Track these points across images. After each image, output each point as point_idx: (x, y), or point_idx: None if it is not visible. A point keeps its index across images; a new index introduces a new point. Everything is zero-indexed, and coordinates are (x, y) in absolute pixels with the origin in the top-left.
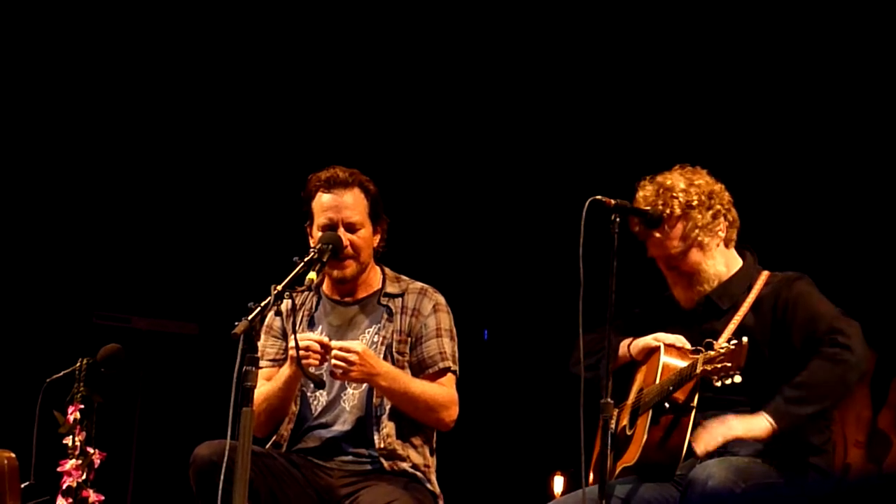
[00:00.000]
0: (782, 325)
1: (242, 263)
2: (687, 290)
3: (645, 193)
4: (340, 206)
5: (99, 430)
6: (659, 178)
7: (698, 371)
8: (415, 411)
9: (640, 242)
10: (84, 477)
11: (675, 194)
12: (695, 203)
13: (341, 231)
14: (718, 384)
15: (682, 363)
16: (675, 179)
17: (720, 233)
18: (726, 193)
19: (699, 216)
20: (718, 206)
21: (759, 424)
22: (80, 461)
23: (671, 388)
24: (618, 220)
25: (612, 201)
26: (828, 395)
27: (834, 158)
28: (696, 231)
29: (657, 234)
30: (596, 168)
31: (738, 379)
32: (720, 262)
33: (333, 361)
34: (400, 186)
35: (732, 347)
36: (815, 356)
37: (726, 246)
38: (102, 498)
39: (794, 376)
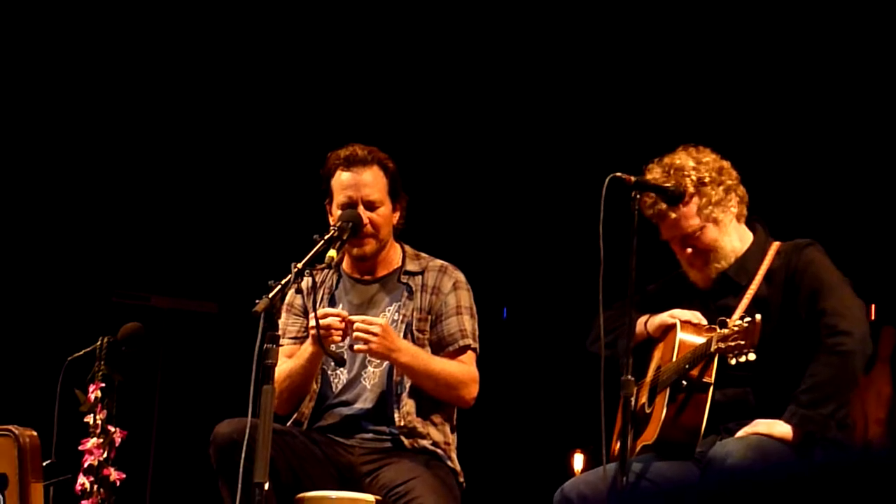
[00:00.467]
0: (792, 292)
1: (262, 242)
2: (703, 270)
3: (654, 175)
4: (360, 184)
5: (120, 409)
6: (666, 160)
7: (713, 349)
8: (435, 388)
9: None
10: (105, 455)
11: (686, 173)
12: (707, 179)
13: (361, 209)
14: (733, 362)
15: (698, 339)
16: (683, 158)
17: (733, 208)
18: (733, 170)
19: (712, 192)
20: (729, 182)
21: (784, 430)
22: (101, 439)
23: (687, 366)
24: (638, 196)
25: (632, 178)
26: (839, 390)
27: (841, 128)
28: (711, 207)
29: (672, 215)
30: (616, 145)
31: (752, 357)
32: (735, 237)
33: (356, 334)
34: (419, 163)
35: (746, 325)
36: (820, 350)
37: (739, 221)
38: (124, 476)
39: (804, 354)
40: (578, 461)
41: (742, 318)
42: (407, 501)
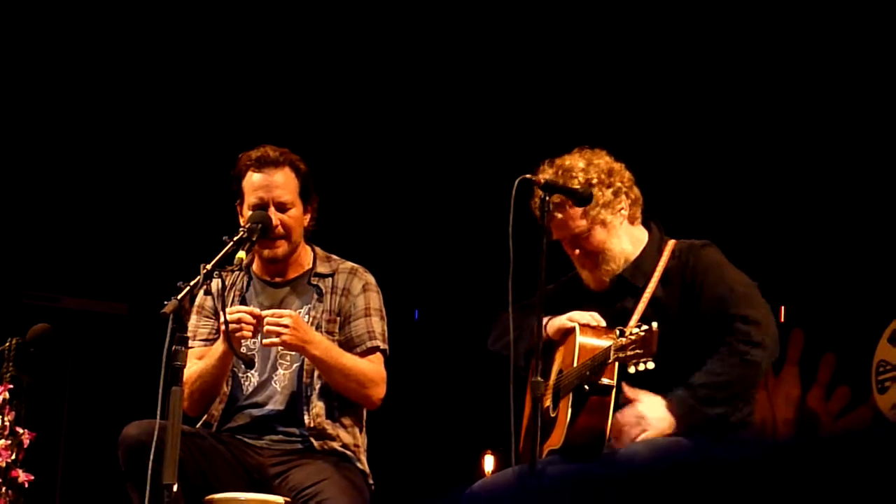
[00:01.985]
0: (691, 294)
1: (172, 243)
2: (594, 271)
3: (546, 176)
4: (271, 185)
5: (28, 410)
6: (558, 161)
7: (612, 358)
8: (345, 384)
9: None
10: (13, 457)
11: (574, 174)
12: (594, 181)
13: (272, 210)
14: (632, 370)
15: (598, 343)
16: (574, 160)
17: (622, 210)
18: (627, 172)
19: (599, 194)
20: (619, 184)
21: (667, 422)
22: (9, 441)
23: (588, 372)
24: (547, 198)
25: (542, 179)
26: (737, 395)
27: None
28: (598, 209)
29: (559, 215)
30: (525, 147)
31: (651, 365)
32: (625, 240)
33: (267, 328)
34: (330, 165)
35: (643, 334)
36: (727, 350)
37: (631, 223)
38: (32, 478)
39: (704, 355)
40: (489, 462)
41: (639, 325)
42: (317, 503)
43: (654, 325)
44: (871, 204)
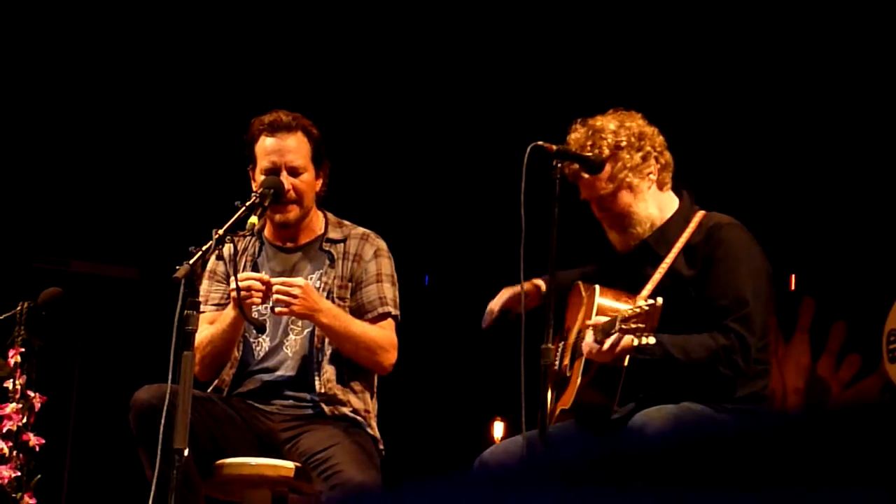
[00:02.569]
0: (706, 272)
1: (184, 207)
2: (621, 234)
3: (576, 136)
4: (283, 149)
5: (39, 374)
6: (590, 121)
7: (616, 328)
8: (355, 351)
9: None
10: (24, 420)
11: (604, 135)
12: (623, 144)
13: (284, 175)
14: (635, 343)
15: (615, 304)
16: (606, 121)
17: (651, 175)
18: (659, 136)
19: (627, 157)
20: (649, 148)
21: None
22: (20, 405)
23: (599, 338)
24: (559, 165)
25: (554, 147)
26: (692, 374)
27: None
28: (625, 172)
29: (586, 176)
30: (538, 113)
31: (651, 340)
32: (652, 204)
33: (276, 296)
34: (343, 130)
35: (647, 308)
36: (720, 337)
37: (660, 188)
38: (43, 441)
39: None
40: (498, 429)
41: (646, 299)
42: (326, 468)
43: (660, 300)
44: (884, 173)
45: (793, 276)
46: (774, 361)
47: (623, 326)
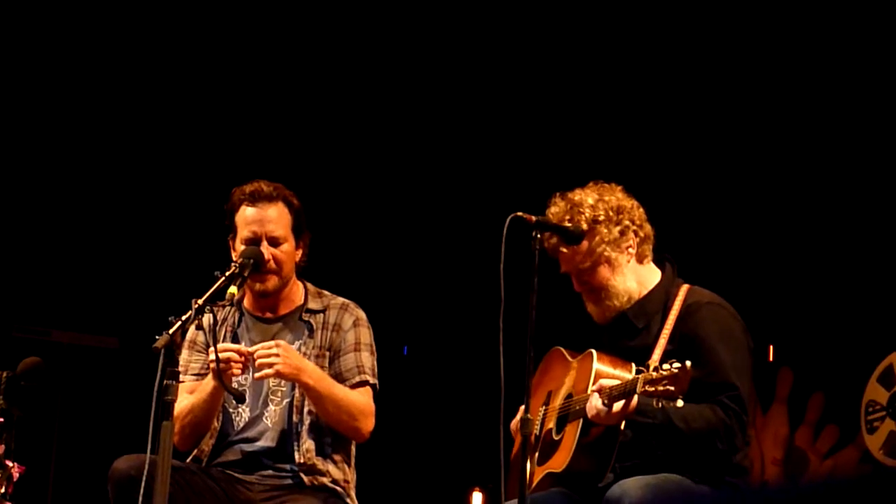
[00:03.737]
0: (686, 351)
1: (163, 278)
2: (597, 305)
3: (555, 210)
4: (264, 219)
5: (18, 444)
6: (569, 195)
7: (639, 390)
8: (336, 415)
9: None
10: (3, 490)
11: (582, 210)
12: (601, 218)
13: (264, 245)
14: (659, 406)
15: (614, 371)
16: (585, 195)
17: (630, 248)
18: (639, 209)
19: (605, 231)
20: (627, 222)
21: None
22: None
23: (605, 401)
24: (539, 236)
25: (533, 218)
26: (687, 444)
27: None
28: (603, 246)
29: (564, 250)
30: (517, 185)
31: (680, 403)
32: (630, 278)
33: (259, 361)
34: (322, 201)
35: (676, 371)
36: (720, 412)
37: (639, 262)
38: None
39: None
40: (477, 499)
41: (671, 363)
42: None
43: (689, 363)
44: (861, 243)
45: (771, 346)
46: (752, 432)
47: (649, 389)
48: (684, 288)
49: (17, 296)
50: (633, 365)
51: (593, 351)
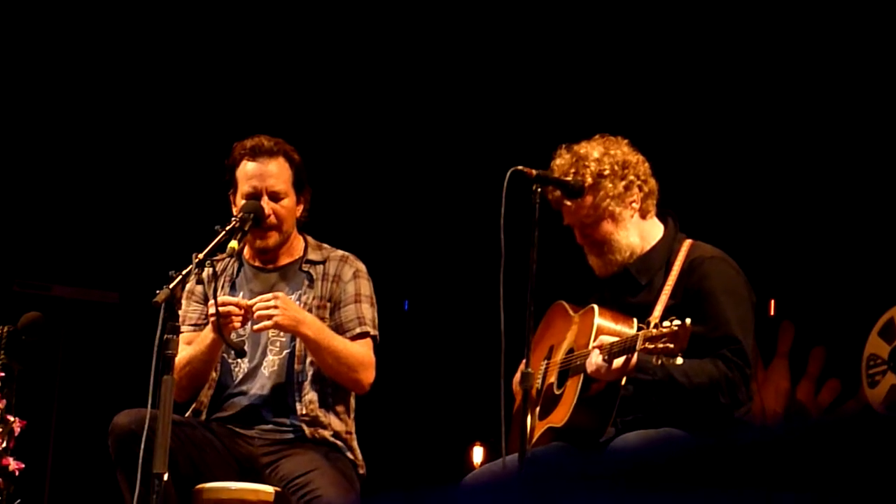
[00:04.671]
0: (691, 307)
1: (164, 231)
2: (600, 259)
3: (560, 162)
4: (265, 174)
5: (19, 398)
6: (575, 147)
7: (639, 347)
8: (336, 366)
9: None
10: (4, 445)
11: (587, 163)
12: (606, 172)
13: (265, 200)
14: (658, 363)
15: (615, 327)
16: (591, 148)
17: (633, 203)
18: (644, 164)
19: (610, 185)
20: (632, 177)
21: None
22: None
23: (605, 357)
24: (539, 190)
25: (534, 172)
26: (690, 399)
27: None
28: (608, 201)
29: (568, 203)
30: (519, 137)
31: (679, 361)
32: (634, 233)
33: (258, 313)
34: (323, 156)
35: (676, 329)
36: (722, 366)
37: (643, 217)
38: (23, 466)
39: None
40: (478, 454)
41: (671, 320)
42: (306, 493)
43: (688, 321)
44: (863, 197)
45: (772, 300)
46: (754, 386)
47: (648, 346)
48: (687, 243)
49: (17, 251)
50: (635, 321)
51: (595, 306)
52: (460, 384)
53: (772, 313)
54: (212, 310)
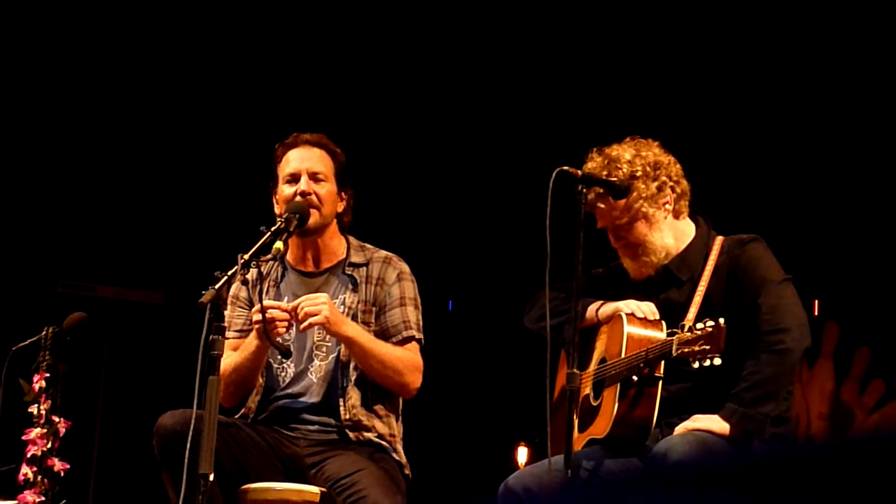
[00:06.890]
0: (735, 288)
1: (209, 232)
2: (634, 261)
3: (592, 165)
4: (304, 157)
5: (64, 399)
6: (606, 150)
7: (675, 353)
8: (381, 371)
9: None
10: (49, 445)
11: (619, 165)
12: (639, 174)
13: (304, 180)
14: (696, 366)
15: (645, 333)
16: (622, 150)
17: (666, 205)
18: (676, 165)
19: (643, 186)
20: (664, 178)
21: (722, 427)
22: (45, 430)
23: (642, 364)
24: (584, 190)
25: (579, 172)
26: (779, 388)
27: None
28: (641, 202)
29: (601, 205)
30: (564, 138)
31: (717, 361)
32: (668, 234)
33: (305, 311)
34: (368, 155)
35: (710, 330)
36: (759, 347)
37: (676, 217)
38: (67, 466)
39: (742, 347)
40: (522, 454)
41: (704, 321)
42: (352, 493)
43: (721, 321)
44: None
45: (816, 301)
46: (798, 386)
47: (684, 350)
48: (719, 240)
49: (61, 252)
50: (664, 324)
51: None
52: (504, 384)
53: (816, 313)
54: (257, 316)
